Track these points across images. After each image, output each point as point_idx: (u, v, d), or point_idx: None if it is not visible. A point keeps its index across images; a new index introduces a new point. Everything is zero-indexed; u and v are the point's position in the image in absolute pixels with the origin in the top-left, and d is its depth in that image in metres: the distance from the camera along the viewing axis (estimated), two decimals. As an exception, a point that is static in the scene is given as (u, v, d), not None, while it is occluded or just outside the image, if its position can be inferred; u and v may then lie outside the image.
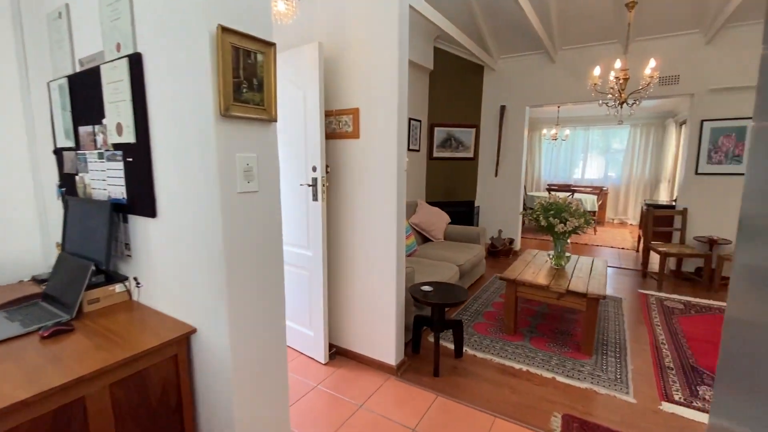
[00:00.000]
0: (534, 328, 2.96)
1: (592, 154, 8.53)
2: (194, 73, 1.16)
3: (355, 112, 2.21)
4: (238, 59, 1.18)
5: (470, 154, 5.30)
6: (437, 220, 4.26)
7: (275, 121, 1.33)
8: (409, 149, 4.53)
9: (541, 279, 2.73)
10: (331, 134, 2.33)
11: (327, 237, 2.37)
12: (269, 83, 1.28)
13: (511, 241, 5.25)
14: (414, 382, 2.24)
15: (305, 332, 2.46)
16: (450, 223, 4.45)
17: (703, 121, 4.04)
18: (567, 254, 3.04)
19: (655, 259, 4.53)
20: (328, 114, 2.30)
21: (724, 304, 3.83)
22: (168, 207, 1.36)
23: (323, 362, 2.40)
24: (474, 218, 5.36)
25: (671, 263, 4.38)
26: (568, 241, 3.05)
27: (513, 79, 5.04)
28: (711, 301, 3.56)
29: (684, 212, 4.18)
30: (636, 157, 7.95)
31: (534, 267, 3.05)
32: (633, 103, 3.18)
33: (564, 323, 3.05)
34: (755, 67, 3.77)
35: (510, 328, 2.83)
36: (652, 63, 2.93)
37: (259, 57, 1.24)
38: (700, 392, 2.14)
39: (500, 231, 5.32)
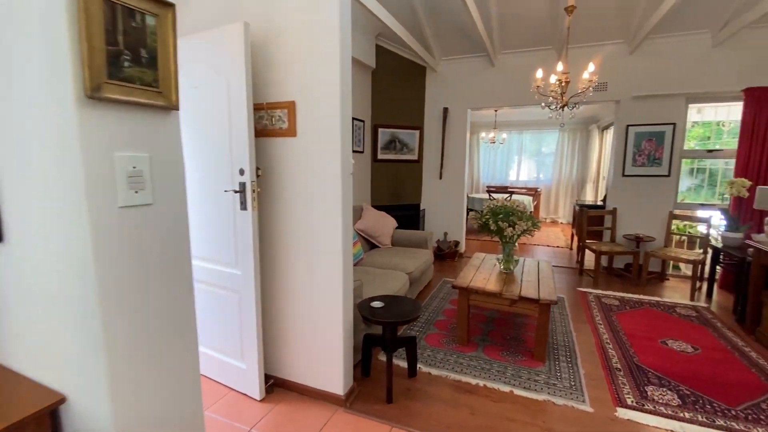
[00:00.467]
0: (486, 335, 2.86)
1: (525, 156, 8.96)
2: (42, 33, 0.80)
3: (290, 106, 1.91)
4: (115, 19, 0.84)
5: (415, 157, 5.19)
6: (384, 225, 4.06)
7: (176, 109, 1.00)
8: (353, 150, 4.28)
9: (493, 285, 2.63)
10: (262, 131, 2.00)
11: (260, 252, 2.03)
12: (166, 58, 0.95)
13: (457, 243, 5.22)
14: (365, 413, 1.98)
15: (236, 365, 2.08)
16: (397, 228, 4.27)
17: (628, 126, 4.31)
18: (515, 258, 2.99)
19: (589, 257, 4.76)
20: (258, 107, 1.97)
21: (652, 298, 3.96)
22: (19, 227, 0.96)
23: (259, 398, 2.05)
24: (420, 222, 5.25)
25: (604, 261, 4.62)
26: (516, 244, 3.01)
27: (455, 81, 5.02)
28: (641, 296, 3.77)
29: (614, 212, 4.43)
30: (564, 160, 8.49)
31: (484, 272, 2.96)
32: (574, 107, 3.24)
33: (515, 328, 2.99)
34: (673, 76, 4.09)
35: (463, 339, 2.69)
36: (591, 67, 3.00)
37: (149, 20, 0.91)
38: (649, 393, 2.16)
39: (446, 234, 5.27)
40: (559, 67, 3.02)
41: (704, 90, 3.96)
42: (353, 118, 4.21)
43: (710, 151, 4.16)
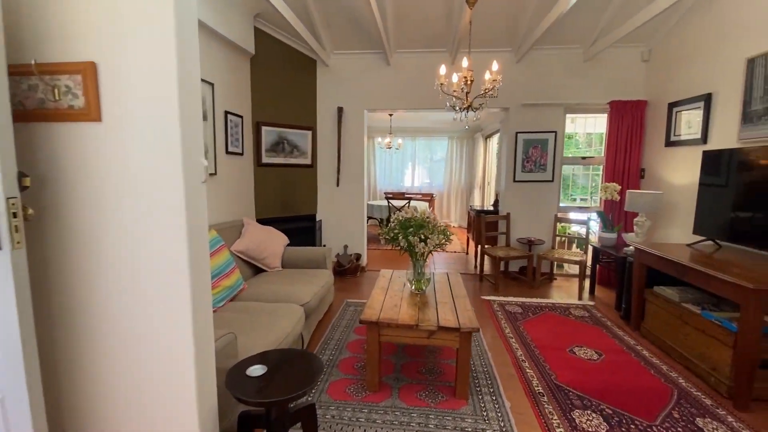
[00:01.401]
0: (399, 371, 2.42)
1: (418, 162, 9.07)
2: None
3: (87, 70, 1.14)
4: None
5: (308, 161, 4.56)
6: (272, 243, 3.34)
7: None
8: (228, 152, 3.45)
9: (407, 315, 2.19)
10: (35, 112, 1.18)
11: (37, 318, 1.19)
12: None
13: (358, 257, 4.75)
14: None
15: None
16: (289, 245, 3.59)
17: (517, 133, 4.43)
18: (426, 276, 2.62)
19: (487, 261, 4.78)
20: (21, 71, 1.15)
21: (548, 300, 3.85)
22: None
23: None
24: (317, 234, 4.63)
25: (500, 265, 4.68)
26: (426, 259, 2.65)
27: (349, 78, 4.56)
28: (539, 299, 3.82)
29: (507, 217, 4.50)
30: (454, 167, 8.82)
31: (393, 296, 2.52)
32: (479, 108, 3.06)
33: (430, 355, 2.62)
34: (553, 87, 4.31)
35: (374, 384, 2.19)
36: (495, 66, 2.83)
37: None
38: (576, 420, 1.96)
39: (346, 247, 4.76)
40: (464, 63, 2.78)
41: (578, 101, 4.27)
42: (227, 112, 3.40)
43: (584, 158, 4.54)
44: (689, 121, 3.47)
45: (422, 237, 2.40)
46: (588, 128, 4.76)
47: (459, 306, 2.35)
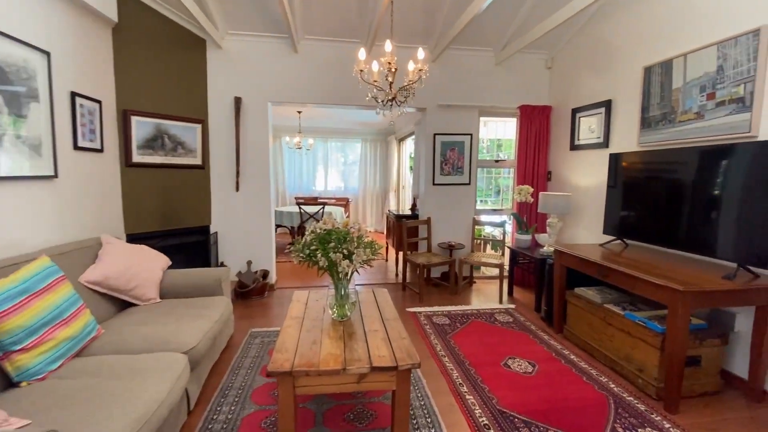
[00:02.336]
0: (322, 423, 1.93)
1: (332, 165, 8.59)
2: None
3: None
4: None
5: (197, 160, 3.75)
6: (144, 266, 2.54)
7: None
8: (78, 147, 2.56)
9: (330, 355, 1.72)
10: None
11: None
12: None
13: (266, 273, 4.08)
14: None
15: None
16: (172, 267, 2.82)
17: (435, 134, 4.27)
18: (352, 298, 2.18)
19: (410, 268, 4.53)
20: None
21: (473, 307, 3.64)
22: None
23: None
24: (211, 251, 3.85)
25: (423, 272, 4.47)
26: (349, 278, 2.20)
27: (250, 65, 3.90)
28: (464, 307, 3.67)
29: (428, 221, 4.31)
30: (368, 170, 8.55)
31: (310, 328, 2.02)
32: (404, 101, 2.73)
33: (358, 397, 2.18)
34: (469, 89, 4.24)
35: (290, 450, 1.66)
36: (421, 54, 2.52)
37: None
38: (529, 456, 1.72)
39: (249, 263, 4.06)
40: (387, 46, 2.42)
41: (491, 104, 4.27)
42: (75, 94, 2.53)
43: (497, 161, 4.59)
44: (591, 126, 3.66)
45: (346, 252, 1.96)
46: (498, 133, 4.87)
47: (392, 334, 1.96)
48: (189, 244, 3.72)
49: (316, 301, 2.47)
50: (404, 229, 4.09)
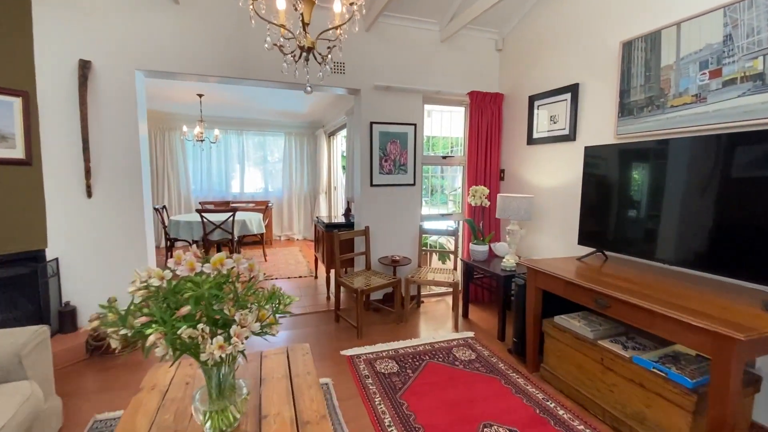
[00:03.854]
0: None
1: (249, 164, 7.33)
2: None
3: None
4: None
5: (17, 152, 2.47)
6: None
7: None
8: None
9: None
10: None
11: None
12: None
13: (138, 314, 2.89)
14: None
15: None
16: None
17: (372, 123, 3.43)
18: (243, 392, 1.23)
19: (344, 291, 3.64)
20: None
21: (425, 342, 2.35)
22: None
23: None
24: (47, 287, 2.57)
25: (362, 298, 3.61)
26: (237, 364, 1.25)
27: (105, 14, 2.69)
28: (413, 342, 2.88)
29: (366, 232, 3.45)
30: (294, 169, 7.46)
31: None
32: (327, 54, 1.81)
33: None
34: (410, 68, 3.48)
35: None
36: (353, -21, 1.64)
37: None
38: None
39: (113, 301, 2.82)
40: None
41: (437, 88, 3.56)
42: None
43: (445, 157, 3.90)
44: (554, 116, 3.11)
45: (225, 318, 1.03)
46: (444, 126, 4.20)
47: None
48: (7, 280, 2.43)
49: (187, 384, 1.47)
50: (336, 243, 3.19)
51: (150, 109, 5.89)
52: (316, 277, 4.69)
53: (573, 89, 2.89)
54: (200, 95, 4.96)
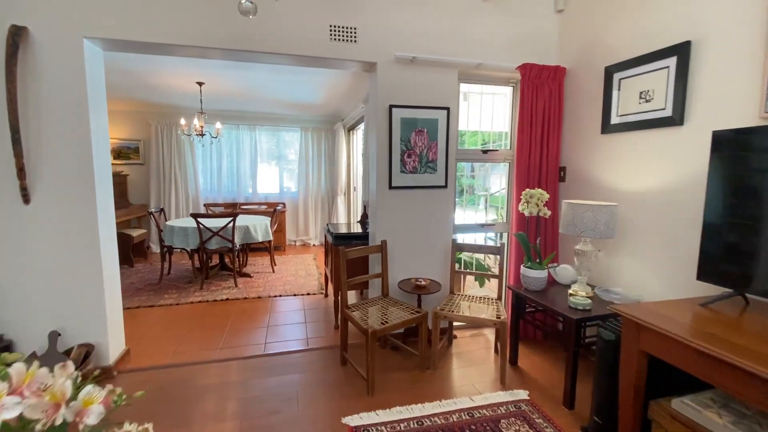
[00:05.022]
0: None
1: (262, 161, 6.74)
2: None
3: None
4: None
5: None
6: None
7: None
8: None
9: None
10: None
11: None
12: None
13: (88, 352, 2.25)
14: None
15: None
16: None
17: (392, 107, 2.65)
18: None
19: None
20: None
21: (461, 405, 1.46)
22: None
23: None
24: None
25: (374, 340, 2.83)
26: None
27: (39, -35, 2.06)
28: (444, 404, 2.09)
29: (383, 247, 2.68)
30: (311, 167, 6.80)
31: None
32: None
33: None
34: (444, 35, 2.67)
35: None
36: None
37: None
38: None
39: (55, 336, 2.20)
40: None
41: (477, 60, 2.72)
42: None
43: (486, 151, 3.06)
44: (647, 92, 2.21)
45: None
46: (483, 115, 3.33)
47: None
48: None
49: None
50: (343, 262, 2.44)
51: (153, 102, 5.40)
52: (326, 295, 3.97)
53: (680, 50, 1.99)
54: (200, 83, 4.35)
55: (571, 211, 2.25)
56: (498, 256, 2.72)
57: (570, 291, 2.31)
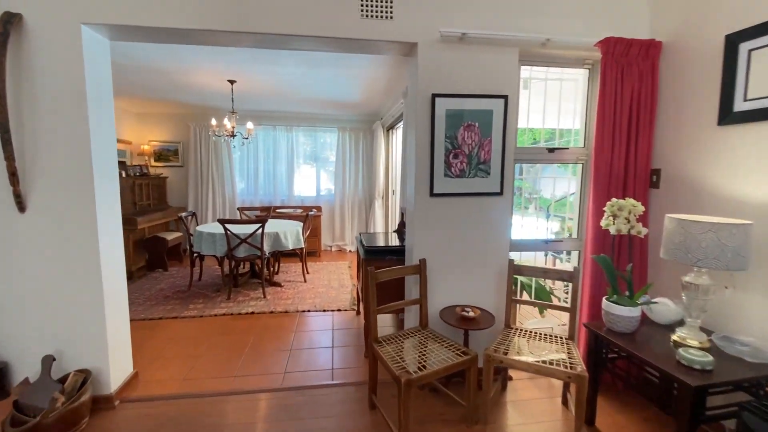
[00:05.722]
0: None
1: (299, 163, 6.49)
2: None
3: None
4: None
5: None
6: None
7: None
8: None
9: None
10: None
11: None
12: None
13: (85, 379, 1.99)
14: None
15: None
16: None
17: (435, 96, 2.16)
18: None
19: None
20: None
21: None
22: None
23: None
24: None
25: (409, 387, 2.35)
26: None
27: (34, -57, 1.82)
28: (501, 486, 1.57)
29: (421, 267, 2.20)
30: (348, 169, 6.45)
31: None
32: None
33: None
34: (500, 5, 2.14)
35: None
36: None
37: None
38: None
39: (50, 360, 1.96)
40: None
41: (544, 36, 2.16)
42: None
43: (552, 149, 2.48)
44: (802, 63, 1.55)
45: None
46: (549, 105, 2.72)
47: None
48: None
49: None
50: (372, 286, 2.00)
51: (189, 103, 5.30)
52: (358, 312, 3.56)
53: None
54: (231, 81, 4.13)
55: (680, 230, 1.64)
56: (570, 284, 2.15)
57: (675, 337, 1.72)
